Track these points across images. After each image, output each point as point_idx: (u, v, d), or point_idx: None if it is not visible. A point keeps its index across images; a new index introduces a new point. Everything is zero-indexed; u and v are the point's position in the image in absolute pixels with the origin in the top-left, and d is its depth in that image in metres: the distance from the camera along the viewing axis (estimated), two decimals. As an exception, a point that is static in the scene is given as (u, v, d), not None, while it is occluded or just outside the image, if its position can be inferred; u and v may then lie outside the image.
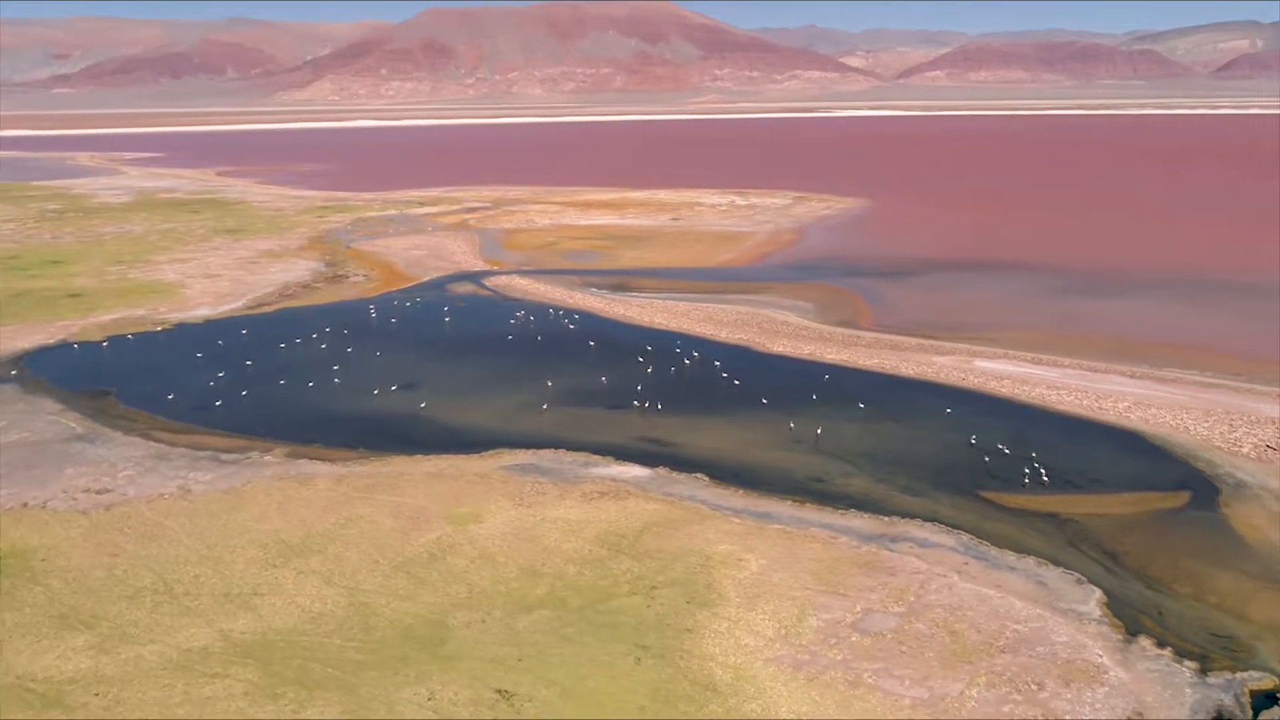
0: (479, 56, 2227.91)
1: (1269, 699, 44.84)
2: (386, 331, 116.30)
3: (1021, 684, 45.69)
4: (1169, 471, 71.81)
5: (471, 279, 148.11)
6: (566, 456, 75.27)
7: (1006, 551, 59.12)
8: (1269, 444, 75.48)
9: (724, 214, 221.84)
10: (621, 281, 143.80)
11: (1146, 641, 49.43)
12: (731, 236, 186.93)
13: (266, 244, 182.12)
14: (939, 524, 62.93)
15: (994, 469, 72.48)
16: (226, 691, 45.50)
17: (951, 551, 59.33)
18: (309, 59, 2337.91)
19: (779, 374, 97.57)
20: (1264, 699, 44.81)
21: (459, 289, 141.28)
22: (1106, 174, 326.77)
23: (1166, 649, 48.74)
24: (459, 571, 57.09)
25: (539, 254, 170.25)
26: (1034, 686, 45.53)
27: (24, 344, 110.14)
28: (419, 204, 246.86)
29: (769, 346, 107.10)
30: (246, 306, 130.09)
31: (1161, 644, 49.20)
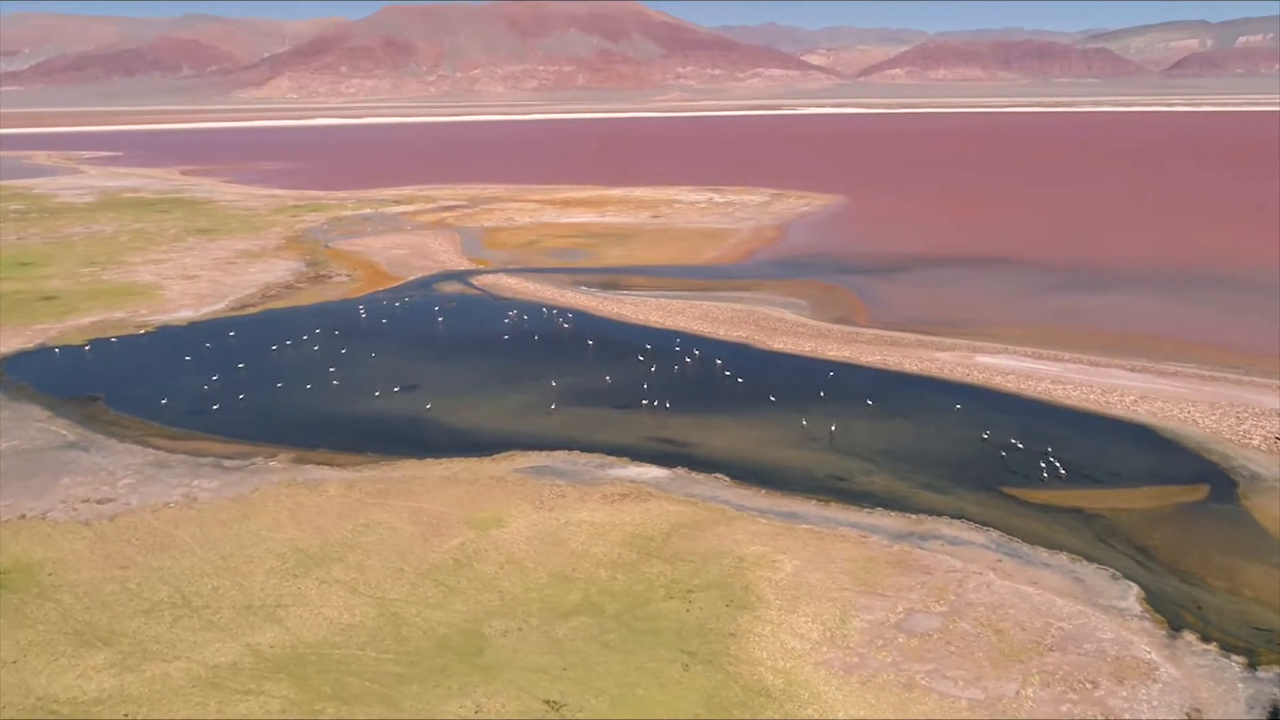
0: (440, 54, 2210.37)
1: (1322, 692, 44.81)
2: (378, 332, 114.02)
3: (1075, 683, 45.26)
4: (1184, 465, 72.09)
5: (458, 278, 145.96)
6: (581, 458, 73.97)
7: (1038, 548, 58.84)
8: (1278, 436, 76.14)
9: (704, 211, 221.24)
10: (611, 280, 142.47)
11: (1191, 636, 49.29)
12: (715, 233, 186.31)
13: (242, 244, 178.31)
14: (967, 521, 62.53)
15: (1011, 464, 72.35)
16: (263, 709, 43.71)
17: (983, 549, 58.93)
18: (267, 56, 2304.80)
19: (782, 371, 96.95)
20: (1317, 692, 44.77)
21: (446, 288, 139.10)
22: (1080, 171, 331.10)
23: (1212, 644, 48.61)
24: (488, 578, 55.61)
25: (523, 252, 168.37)
26: (1088, 685, 45.13)
27: (1, 348, 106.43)
28: (394, 202, 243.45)
29: (769, 344, 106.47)
30: (230, 308, 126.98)
31: (1206, 639, 49.08)
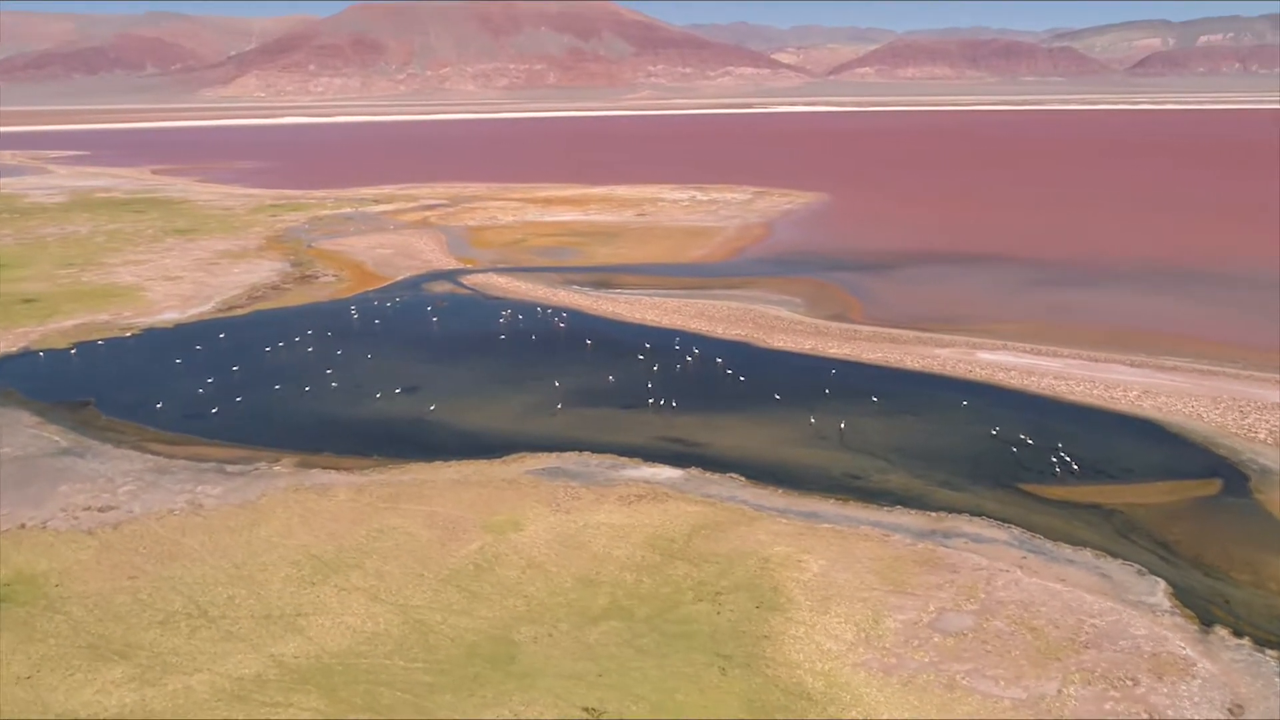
0: (410, 52, 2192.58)
1: (1359, 685, 44.91)
2: (372, 333, 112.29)
3: (1115, 680, 45.05)
4: (1194, 459, 72.42)
5: (447, 278, 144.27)
6: (592, 459, 73.03)
7: (1061, 544, 58.73)
8: (1283, 429, 76.74)
9: (688, 209, 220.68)
10: (602, 278, 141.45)
11: (1223, 631, 49.31)
12: (701, 231, 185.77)
13: (222, 244, 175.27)
14: (987, 518, 62.32)
15: (1024, 460, 72.33)
16: (294, 722, 42.48)
17: (1007, 546, 58.73)
18: (233, 54, 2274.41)
19: (784, 369, 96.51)
20: (1354, 686, 44.86)
21: (437, 288, 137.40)
22: (1057, 169, 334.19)
23: (1244, 639, 48.66)
24: (511, 583, 54.57)
25: (510, 251, 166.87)
26: (1128, 682, 44.93)
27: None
28: (374, 201, 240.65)
29: (769, 342, 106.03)
30: (217, 310, 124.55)
31: (1238, 633, 49.13)
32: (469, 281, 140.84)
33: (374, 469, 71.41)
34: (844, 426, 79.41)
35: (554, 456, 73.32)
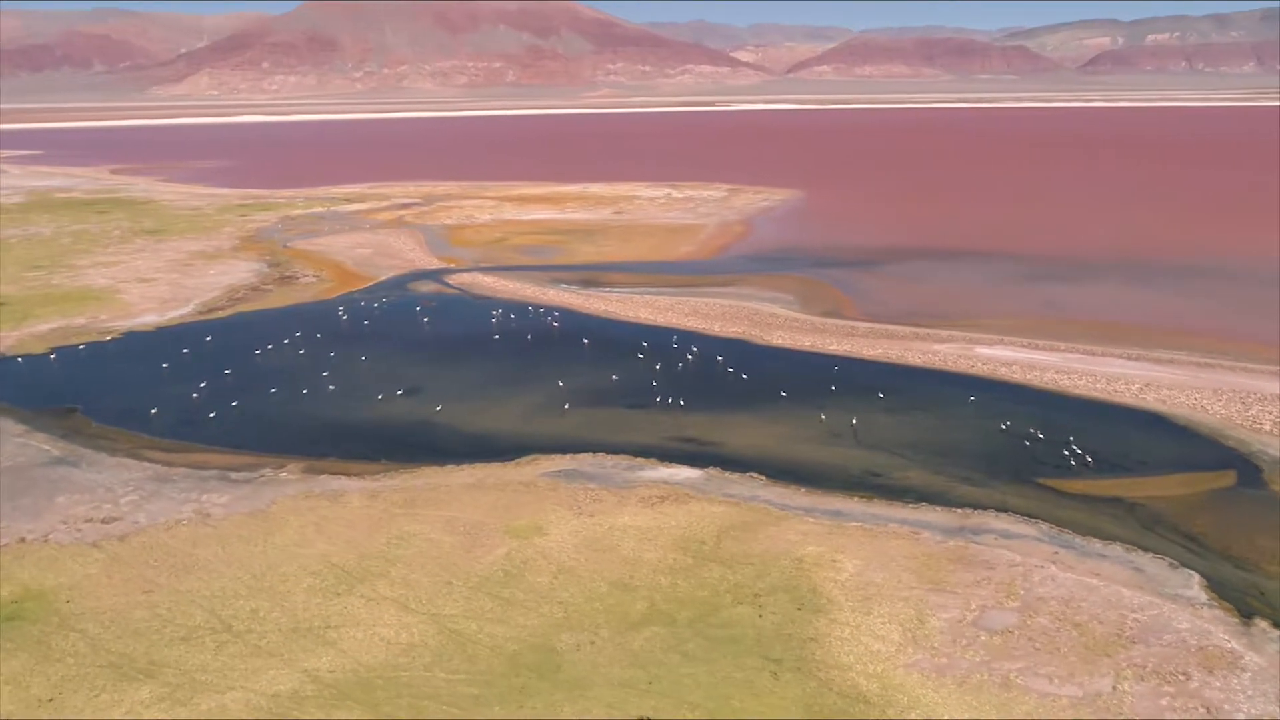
0: (366, 50, 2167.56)
1: (1405, 675, 45.19)
2: (363, 334, 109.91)
3: (1167, 675, 44.93)
4: (1205, 451, 72.97)
5: (431, 277, 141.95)
6: (607, 460, 71.87)
7: (1091, 539, 58.70)
8: (1287, 420, 77.69)
9: (665, 207, 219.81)
10: (589, 277, 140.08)
11: (1264, 623, 49.44)
12: (682, 229, 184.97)
13: (194, 245, 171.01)
14: (1013, 514, 62.19)
15: (1038, 455, 72.40)
16: (340, 740, 40.89)
17: (1037, 541, 58.58)
18: (183, 52, 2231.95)
19: (786, 366, 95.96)
20: (1401, 675, 45.14)
21: (422, 288, 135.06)
22: (1024, 165, 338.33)
23: (1286, 630, 48.86)
24: (544, 589, 53.26)
25: (492, 250, 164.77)
26: (1180, 677, 44.83)
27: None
28: (345, 200, 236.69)
29: (767, 339, 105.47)
30: (198, 312, 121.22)
31: (1278, 625, 49.31)
32: (454, 281, 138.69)
33: (385, 474, 69.60)
34: (856, 423, 79.03)
35: (568, 458, 72.03)
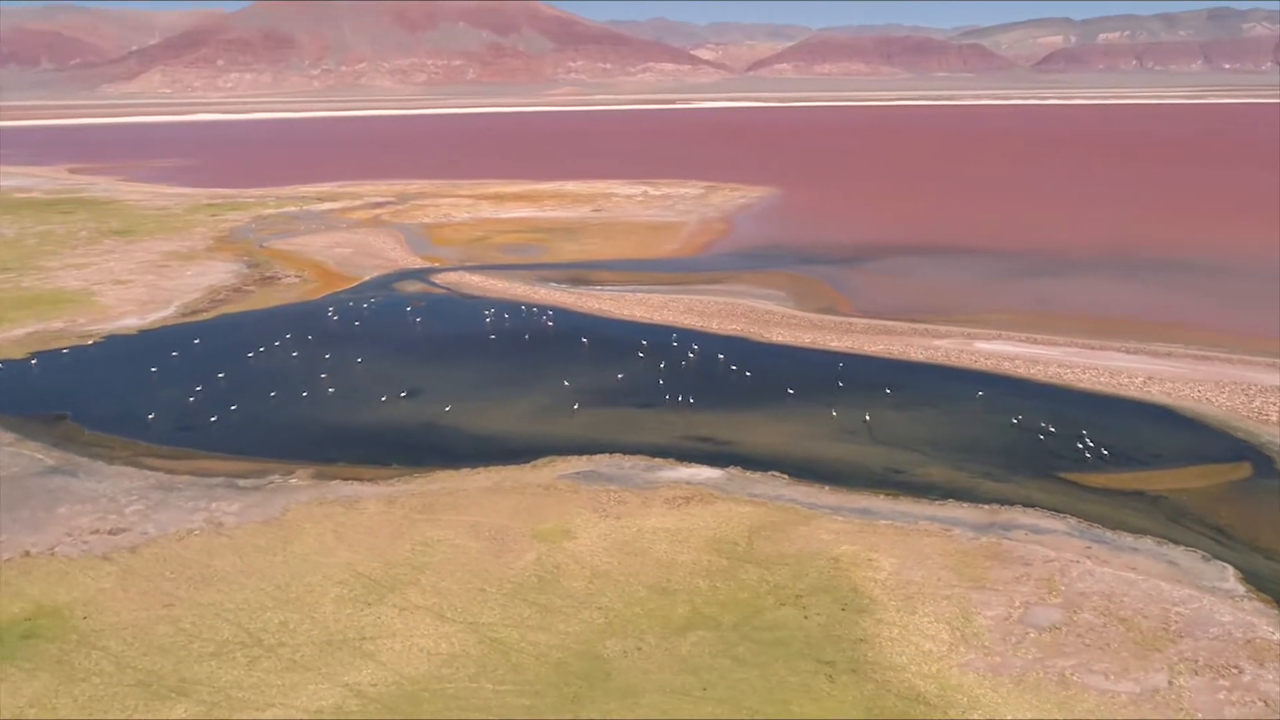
0: (323, 47, 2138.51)
1: None
2: (355, 335, 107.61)
3: (1221, 669, 44.84)
4: (1216, 443, 73.51)
5: (417, 277, 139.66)
6: (625, 461, 70.75)
7: (1121, 533, 58.71)
8: (1293, 411, 78.64)
9: (643, 204, 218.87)
10: (577, 275, 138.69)
11: (1304, 615, 49.69)
12: (664, 227, 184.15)
13: (167, 245, 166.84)
14: (1040, 509, 62.04)
15: (1055, 449, 72.53)
16: (394, 757, 39.41)
17: (1068, 536, 58.47)
18: (135, 49, 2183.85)
19: (790, 363, 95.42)
20: None
21: (409, 288, 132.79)
22: (993, 161, 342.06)
23: (1327, 621, 49.10)
24: (581, 594, 52.04)
25: (475, 249, 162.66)
26: (1233, 670, 44.77)
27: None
28: (317, 199, 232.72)
29: (767, 336, 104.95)
30: (180, 314, 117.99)
31: (1318, 616, 49.57)
32: (441, 280, 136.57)
33: (398, 478, 67.86)
34: (869, 419, 78.69)
35: (584, 459, 70.79)
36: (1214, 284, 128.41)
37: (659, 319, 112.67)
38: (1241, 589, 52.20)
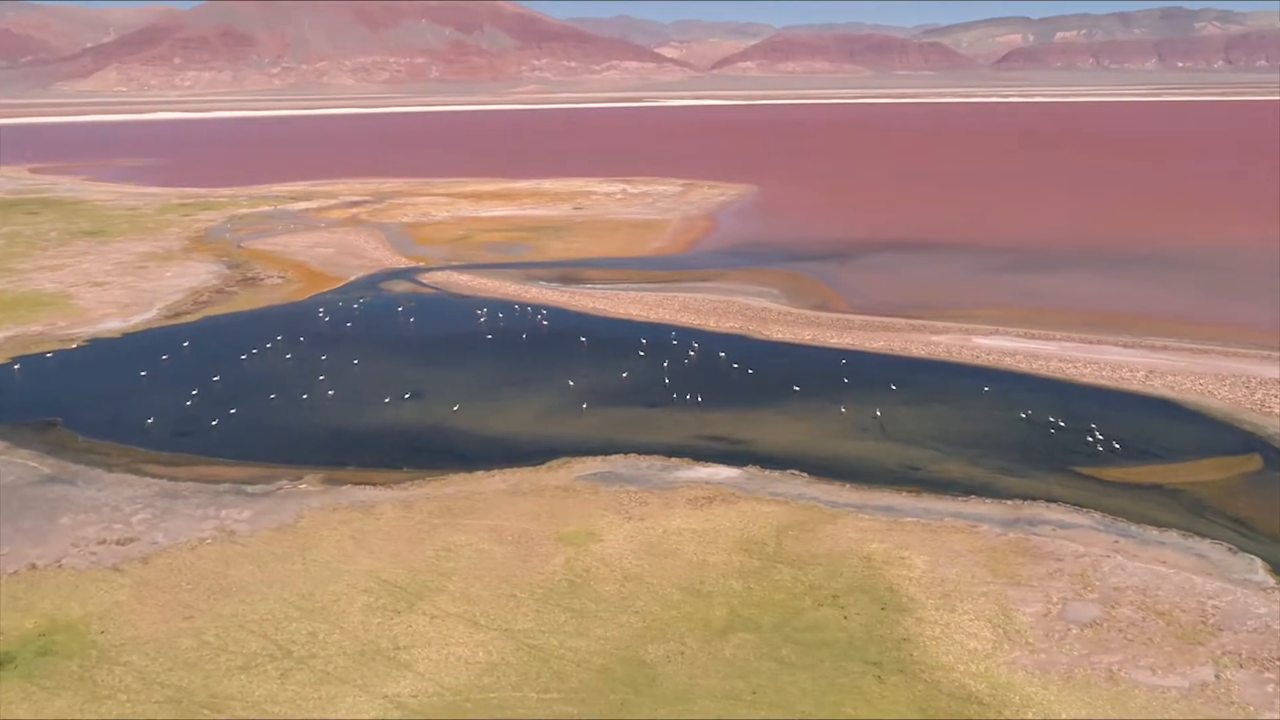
0: (283, 45, 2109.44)
1: None
2: (347, 336, 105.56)
3: (1265, 662, 44.91)
4: (1224, 436, 74.11)
5: (404, 276, 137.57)
6: (641, 461, 69.85)
7: (1146, 526, 58.86)
8: (1295, 403, 79.58)
9: (623, 202, 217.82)
10: (567, 274, 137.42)
11: (1336, 605, 50.04)
12: (648, 225, 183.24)
13: (142, 246, 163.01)
14: (1063, 504, 62.04)
15: (1067, 443, 72.69)
16: (446, 771, 38.23)
17: (1094, 531, 58.50)
18: (90, 46, 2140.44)
19: (792, 361, 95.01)
20: None
21: (397, 287, 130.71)
22: (966, 158, 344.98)
23: (1359, 611, 49.46)
24: (615, 598, 51.09)
25: (459, 248, 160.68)
26: (1277, 663, 44.90)
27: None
28: (291, 199, 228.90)
29: (766, 334, 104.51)
30: (163, 317, 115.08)
31: (1350, 606, 49.93)
32: (429, 280, 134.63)
33: (411, 482, 66.40)
34: (880, 415, 78.46)
35: (600, 460, 69.79)
36: (1195, 277, 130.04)
37: (655, 317, 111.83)
38: (1271, 581, 52.44)
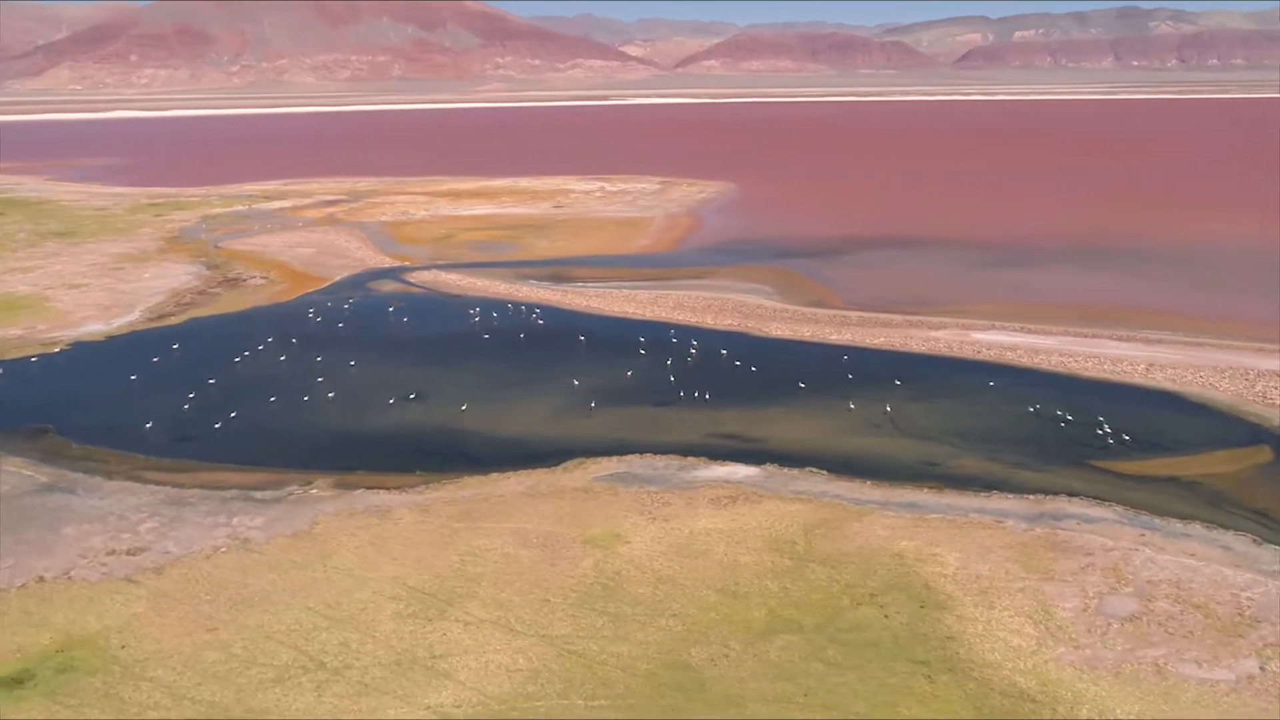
0: (243, 43, 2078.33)
1: None
2: (340, 337, 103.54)
3: (1306, 652, 45.18)
4: (1232, 428, 74.74)
5: (390, 276, 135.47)
6: (658, 461, 69.03)
7: (1169, 519, 59.06)
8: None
9: (603, 200, 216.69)
10: (556, 272, 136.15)
11: (1366, 594, 50.45)
12: (631, 222, 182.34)
13: (115, 247, 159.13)
14: (1084, 498, 62.15)
15: (1077, 437, 72.96)
16: (502, 783, 37.17)
17: (1118, 524, 58.60)
18: (41, 44, 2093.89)
19: (794, 358, 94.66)
20: None
21: (385, 287, 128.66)
22: (936, 155, 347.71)
23: (1388, 600, 49.91)
24: (651, 601, 50.21)
25: (443, 247, 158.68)
26: (1318, 653, 45.14)
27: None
28: (264, 198, 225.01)
29: (765, 331, 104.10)
30: (146, 319, 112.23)
31: (1380, 596, 50.36)
32: (416, 279, 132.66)
33: (426, 486, 65.00)
34: (890, 411, 78.31)
35: (615, 460, 68.86)
36: (1177, 272, 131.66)
37: (651, 315, 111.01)
38: (1299, 571, 52.82)
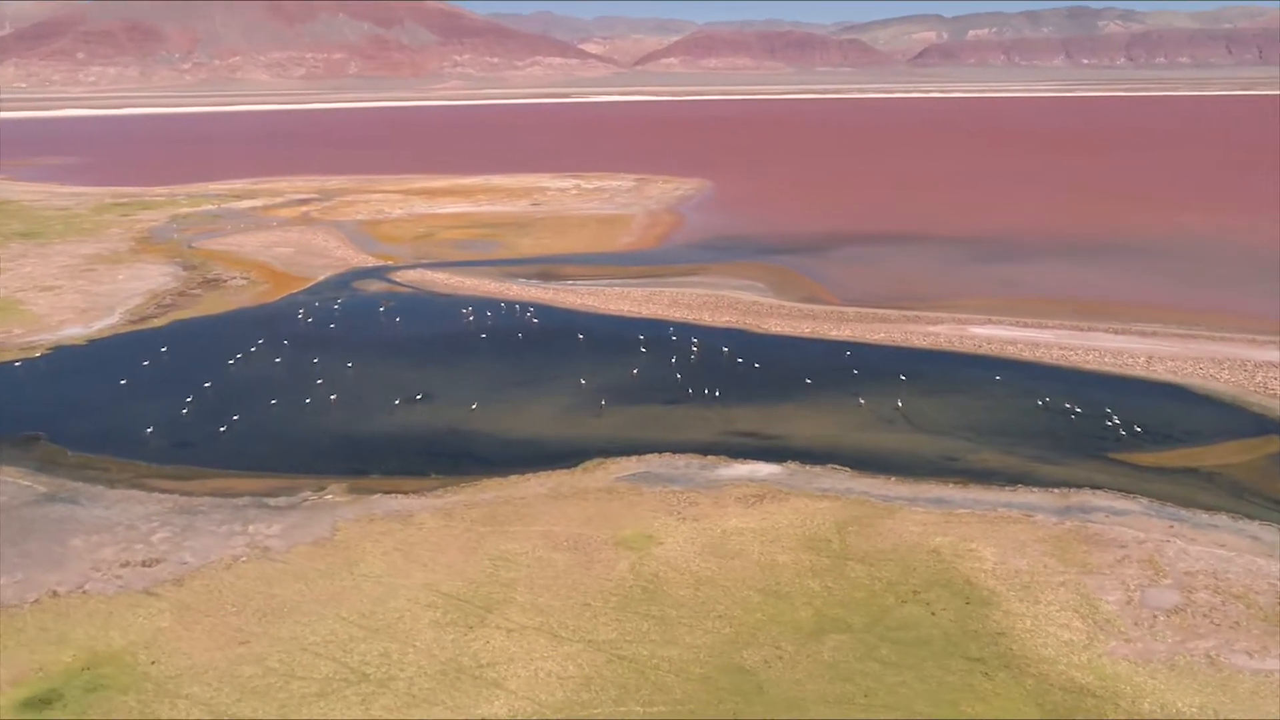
0: (194, 40, 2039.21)
1: None
2: (334, 338, 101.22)
3: (1351, 640, 45.51)
4: (1238, 419, 75.58)
5: (375, 275, 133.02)
6: (678, 460, 68.14)
7: (1195, 510, 59.42)
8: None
9: (580, 198, 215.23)
10: (544, 270, 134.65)
11: (1398, 582, 51.03)
12: (612, 220, 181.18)
13: (84, 248, 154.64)
14: (1108, 490, 62.34)
15: (1089, 430, 73.34)
16: (572, 795, 36.06)
17: (1146, 516, 58.83)
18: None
19: (797, 354, 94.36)
20: None
21: (371, 287, 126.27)
22: (908, 152, 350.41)
23: None
24: (694, 603, 49.33)
25: (425, 246, 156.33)
26: (1363, 641, 45.49)
27: None
28: (234, 197, 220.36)
29: (765, 328, 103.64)
30: (128, 322, 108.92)
31: None
32: (403, 279, 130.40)
33: (445, 489, 63.50)
34: (901, 406, 78.17)
35: (635, 460, 67.86)
36: (1162, 265, 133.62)
37: (647, 313, 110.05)
38: (1328, 560, 53.33)
